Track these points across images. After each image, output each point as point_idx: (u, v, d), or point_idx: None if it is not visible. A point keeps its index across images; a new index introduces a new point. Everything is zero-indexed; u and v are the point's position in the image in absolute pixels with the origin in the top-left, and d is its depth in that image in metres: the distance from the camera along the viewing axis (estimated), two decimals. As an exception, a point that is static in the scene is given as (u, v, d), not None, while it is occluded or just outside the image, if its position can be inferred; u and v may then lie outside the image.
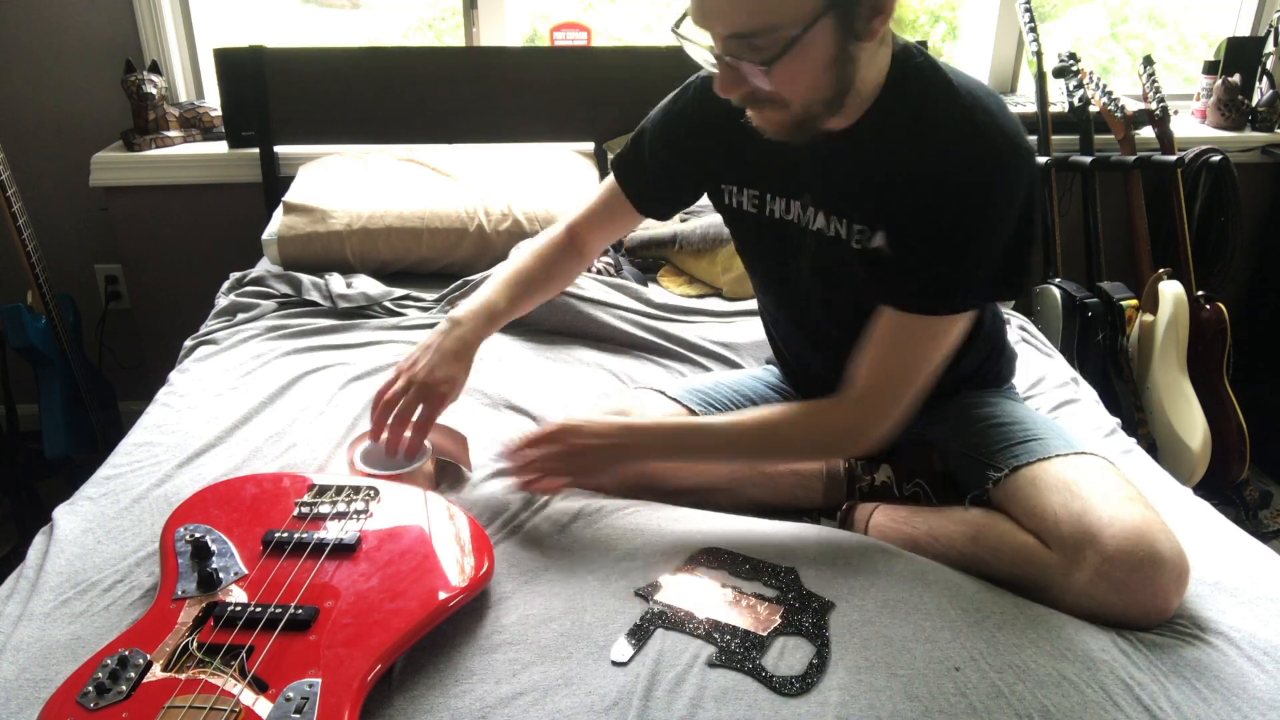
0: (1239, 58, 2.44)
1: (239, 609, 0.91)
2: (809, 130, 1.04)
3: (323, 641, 0.88)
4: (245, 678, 0.83)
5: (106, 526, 1.13)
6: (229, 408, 1.41)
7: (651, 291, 1.85)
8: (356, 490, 1.11)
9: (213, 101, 2.33)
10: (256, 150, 2.23)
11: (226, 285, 1.89)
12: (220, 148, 2.27)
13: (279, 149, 2.25)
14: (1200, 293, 2.28)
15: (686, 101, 1.24)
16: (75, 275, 2.41)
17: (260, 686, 0.83)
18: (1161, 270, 2.20)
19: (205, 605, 0.92)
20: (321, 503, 1.08)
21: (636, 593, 1.01)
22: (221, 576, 0.96)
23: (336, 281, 1.85)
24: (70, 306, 2.24)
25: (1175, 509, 1.19)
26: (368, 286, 1.84)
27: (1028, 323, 1.82)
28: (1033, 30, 2.29)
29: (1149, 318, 2.19)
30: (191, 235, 2.32)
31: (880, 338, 1.10)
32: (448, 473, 1.26)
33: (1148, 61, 2.36)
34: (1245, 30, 2.56)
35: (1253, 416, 2.26)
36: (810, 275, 1.19)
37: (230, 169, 2.26)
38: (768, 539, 1.10)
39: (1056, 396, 1.52)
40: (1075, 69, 2.33)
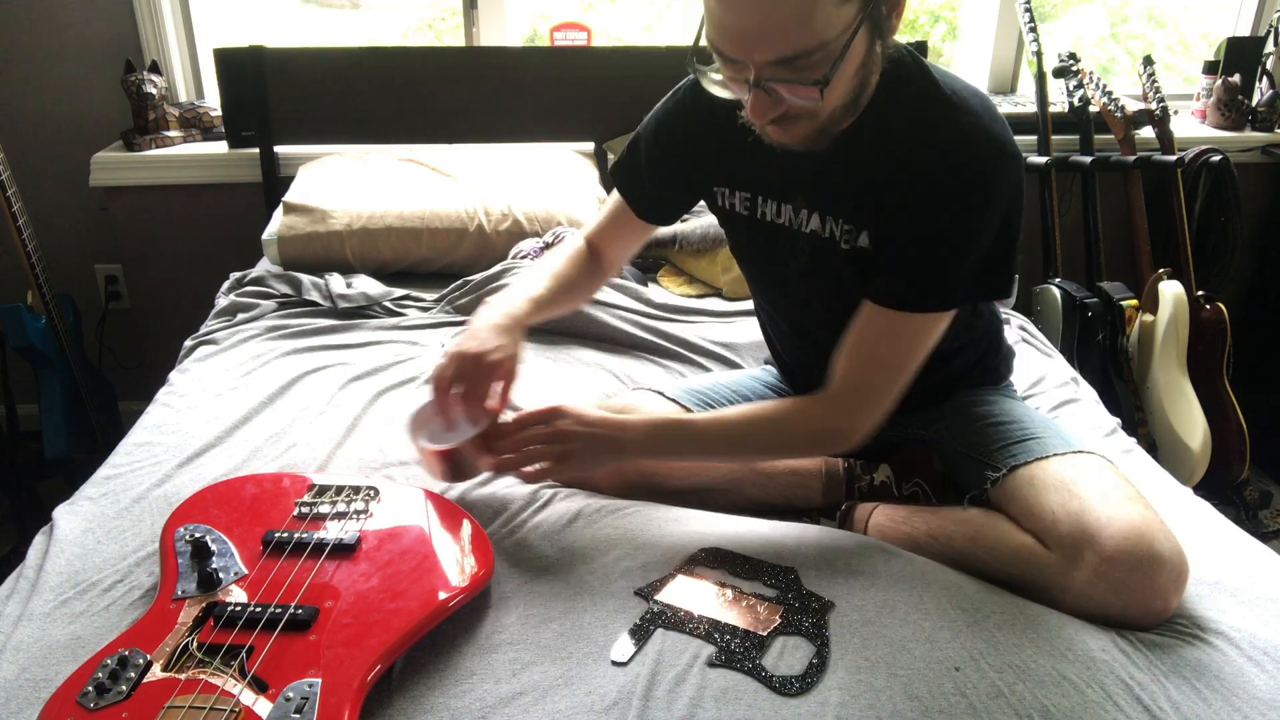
0: (1239, 58, 2.44)
1: (239, 609, 0.91)
2: (830, 136, 1.04)
3: (323, 641, 0.88)
4: (245, 678, 0.83)
5: (106, 526, 1.13)
6: (229, 408, 1.41)
7: (651, 291, 1.85)
8: (356, 490, 1.11)
9: (213, 101, 2.33)
10: (256, 150, 2.23)
11: (226, 285, 1.89)
12: (220, 148, 2.27)
13: (279, 149, 2.25)
14: (1200, 293, 2.28)
15: (679, 104, 1.24)
16: (75, 275, 2.41)
17: (260, 686, 0.83)
18: (1161, 270, 2.20)
19: (205, 605, 0.92)
20: (321, 503, 1.09)
21: (636, 593, 1.01)
22: (221, 576, 0.96)
23: (336, 281, 1.85)
24: (70, 306, 2.24)
25: (1175, 509, 1.19)
26: (368, 286, 1.84)
27: (1028, 323, 1.82)
28: (1033, 30, 2.29)
29: (1149, 318, 2.19)
30: (191, 235, 2.32)
31: (862, 334, 1.10)
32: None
33: (1148, 61, 2.36)
34: (1245, 30, 2.56)
35: (1253, 416, 2.26)
36: (803, 277, 1.19)
37: (230, 169, 2.26)
38: (768, 539, 1.10)
39: (1056, 396, 1.52)
40: (1075, 69, 2.33)
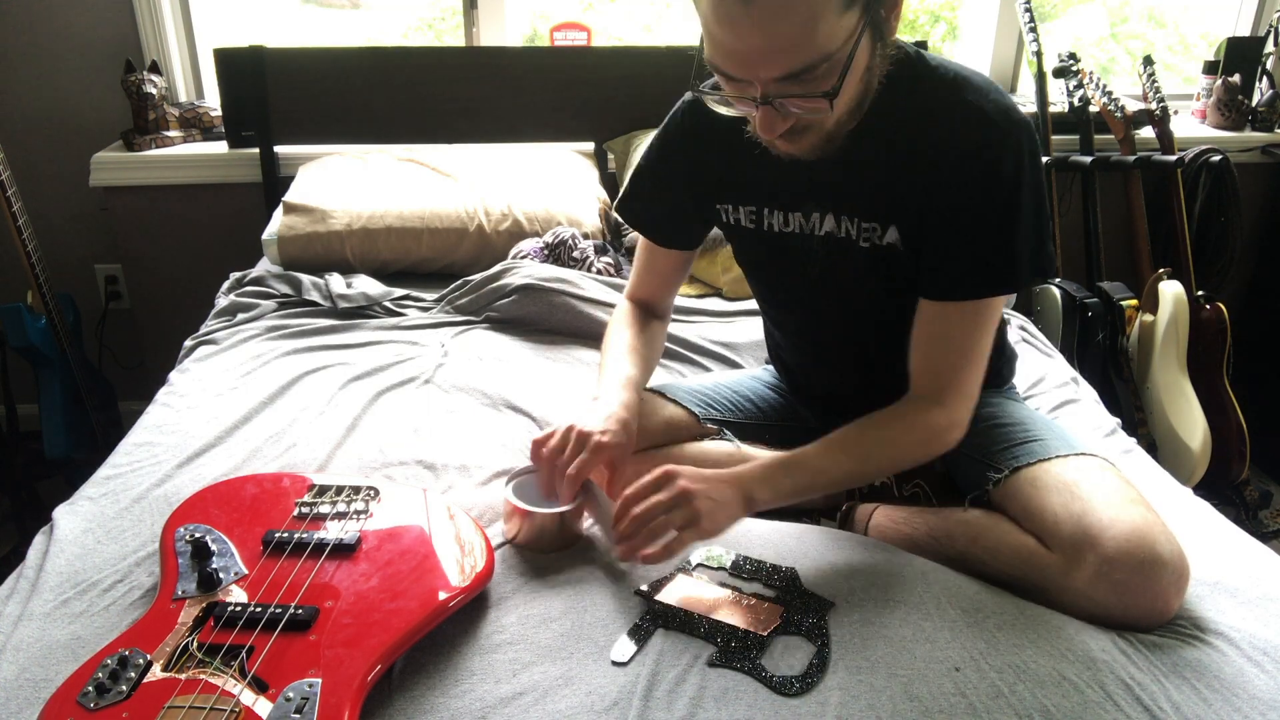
0: (1239, 58, 2.44)
1: (239, 609, 0.91)
2: (837, 141, 1.04)
3: (323, 641, 0.88)
4: (245, 678, 0.83)
5: (106, 526, 1.13)
6: (229, 408, 1.41)
7: (651, 291, 1.85)
8: (356, 490, 1.11)
9: (213, 101, 2.33)
10: (256, 150, 2.23)
11: (226, 285, 1.89)
12: (220, 148, 2.27)
13: (279, 149, 2.25)
14: (1200, 293, 2.28)
15: (677, 126, 1.24)
16: (75, 275, 2.41)
17: (260, 686, 0.83)
18: (1161, 270, 2.20)
19: (205, 605, 0.92)
20: (321, 503, 1.09)
21: (636, 592, 1.01)
22: (221, 576, 0.96)
23: (336, 281, 1.85)
24: (70, 306, 2.24)
25: (1175, 509, 1.19)
26: (368, 286, 1.84)
27: (1028, 323, 1.82)
28: (1033, 30, 2.29)
29: (1149, 318, 2.19)
30: (191, 235, 2.32)
31: (934, 330, 1.09)
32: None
33: (1148, 61, 2.36)
34: (1245, 30, 2.56)
35: (1253, 416, 2.26)
36: (816, 282, 1.19)
37: (230, 169, 2.26)
38: (768, 539, 1.10)
39: (1056, 396, 1.52)
40: (1075, 69, 2.33)
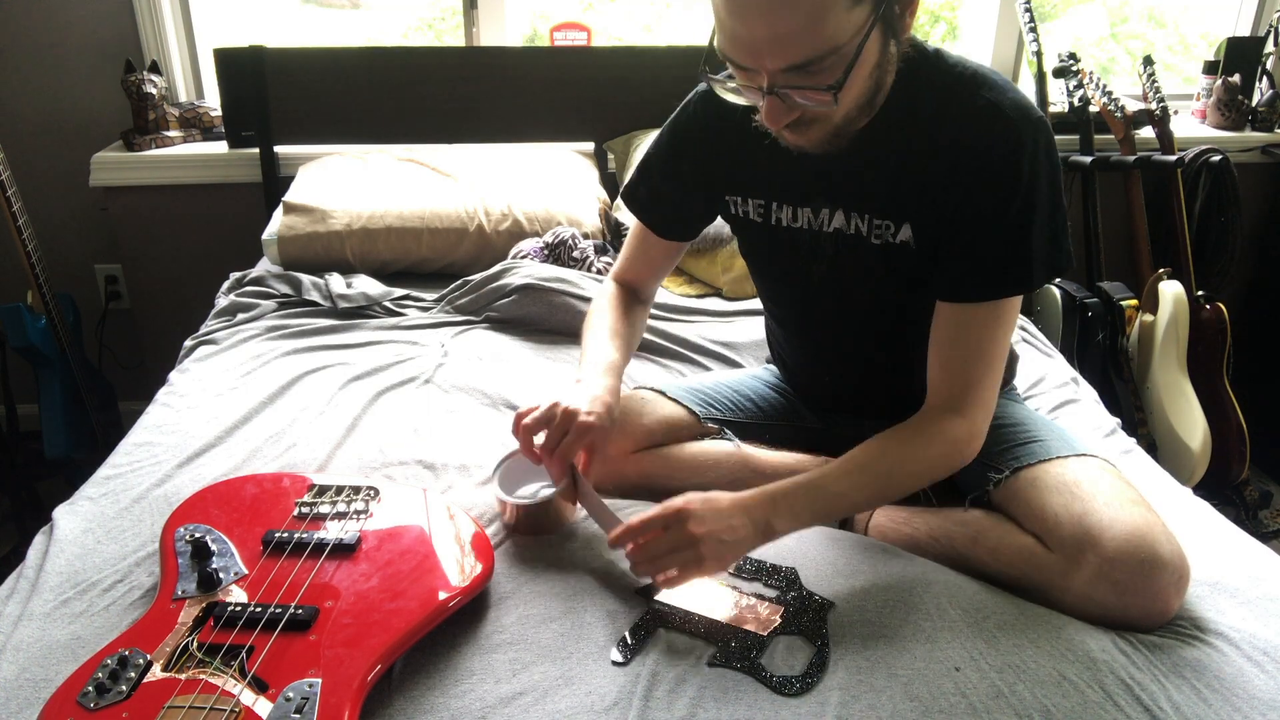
0: (1239, 58, 2.44)
1: (239, 609, 0.91)
2: (847, 136, 1.03)
3: (323, 641, 0.88)
4: (245, 678, 0.83)
5: (106, 526, 1.13)
6: (229, 408, 1.41)
7: (651, 291, 1.85)
8: (356, 490, 1.11)
9: (213, 101, 2.33)
10: (256, 150, 2.23)
11: (226, 285, 1.89)
12: (220, 148, 2.27)
13: (279, 149, 2.25)
14: (1200, 293, 2.28)
15: (690, 117, 1.24)
16: (75, 275, 2.41)
17: (260, 686, 0.83)
18: (1161, 270, 2.20)
19: (205, 605, 0.92)
20: (321, 503, 1.09)
21: (636, 592, 1.01)
22: (221, 576, 0.96)
23: (336, 281, 1.85)
24: (70, 306, 2.24)
25: (1175, 509, 1.19)
26: (368, 286, 1.84)
27: (1028, 323, 1.82)
28: (1033, 30, 2.29)
29: (1149, 318, 2.19)
30: (191, 235, 2.32)
31: (950, 334, 1.08)
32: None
33: (1148, 61, 2.36)
34: (1245, 30, 2.56)
35: (1253, 416, 2.26)
36: (823, 278, 1.18)
37: (230, 169, 2.26)
38: (768, 539, 1.10)
39: (1056, 396, 1.52)
40: (1075, 69, 2.33)
